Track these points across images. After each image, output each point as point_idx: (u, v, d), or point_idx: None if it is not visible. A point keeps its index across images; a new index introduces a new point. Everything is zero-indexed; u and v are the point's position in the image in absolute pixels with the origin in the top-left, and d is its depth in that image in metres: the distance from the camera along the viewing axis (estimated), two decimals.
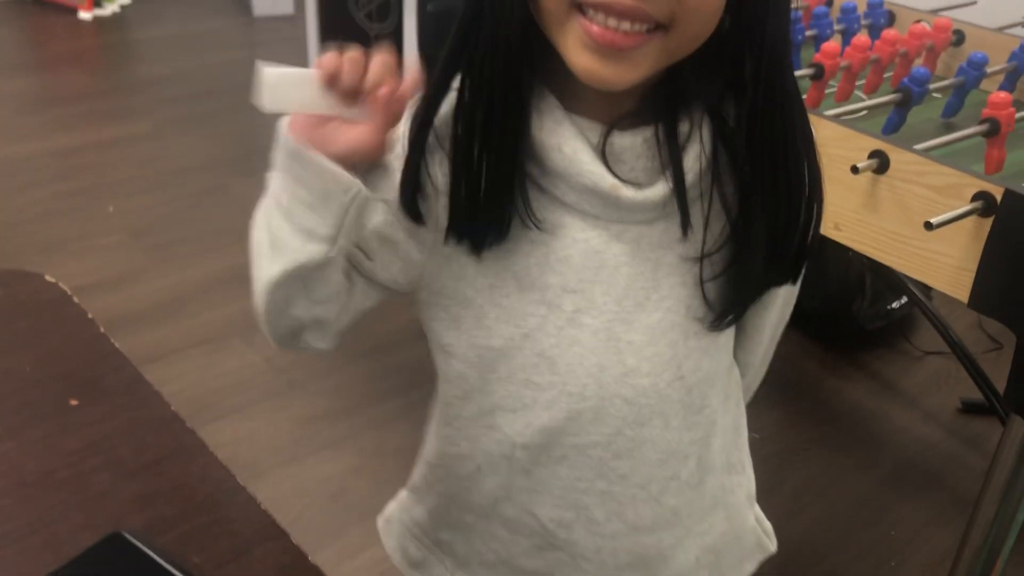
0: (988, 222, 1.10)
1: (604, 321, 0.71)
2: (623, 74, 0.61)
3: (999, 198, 1.09)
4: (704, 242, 0.69)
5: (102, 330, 0.79)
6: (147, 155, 2.94)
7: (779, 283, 0.73)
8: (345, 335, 0.77)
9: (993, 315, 1.13)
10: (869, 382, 2.19)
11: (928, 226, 1.09)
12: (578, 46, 0.60)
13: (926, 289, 2.09)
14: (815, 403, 2.12)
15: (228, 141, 3.04)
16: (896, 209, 1.21)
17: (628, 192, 0.66)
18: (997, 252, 1.09)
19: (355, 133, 0.63)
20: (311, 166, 0.63)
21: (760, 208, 0.67)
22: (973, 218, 1.12)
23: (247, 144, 3.01)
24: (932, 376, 2.20)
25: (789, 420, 2.03)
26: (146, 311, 2.21)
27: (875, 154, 1.21)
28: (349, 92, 0.62)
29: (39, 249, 2.39)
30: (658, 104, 0.67)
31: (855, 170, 1.20)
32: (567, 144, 0.66)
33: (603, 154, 0.66)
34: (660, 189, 0.67)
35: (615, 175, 0.66)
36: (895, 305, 2.27)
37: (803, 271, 0.73)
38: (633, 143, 0.67)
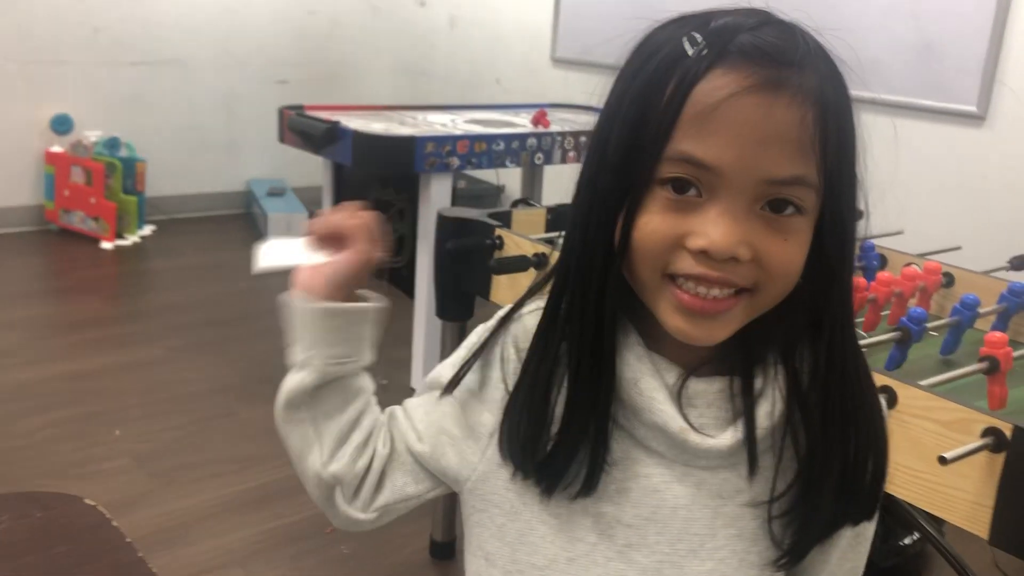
0: (1000, 458, 1.13)
1: (655, 561, 0.71)
2: (712, 333, 0.65)
3: (1009, 434, 1.12)
4: (773, 488, 0.70)
5: (140, 555, 0.79)
6: (157, 380, 2.98)
7: (850, 522, 0.73)
8: (387, 515, 0.80)
9: (1016, 552, 1.13)
10: None
11: (942, 460, 1.11)
12: (671, 310, 0.65)
13: (937, 525, 2.07)
14: None
15: (237, 368, 3.10)
16: (907, 444, 1.24)
17: (696, 437, 0.68)
18: (1013, 488, 1.11)
19: (334, 260, 0.75)
20: (288, 303, 0.75)
21: (830, 455, 0.68)
22: (985, 453, 1.14)
23: (256, 371, 3.06)
24: None
25: None
26: (146, 538, 2.17)
27: (883, 389, 1.26)
28: (324, 237, 0.76)
29: (44, 472, 2.38)
30: (735, 354, 0.70)
31: None
32: (644, 381, 0.69)
33: (678, 397, 0.69)
34: (728, 438, 0.69)
35: (686, 419, 0.68)
36: (907, 541, 2.24)
37: (876, 510, 0.74)
38: (708, 390, 0.70)
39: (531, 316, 0.74)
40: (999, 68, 2.57)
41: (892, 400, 1.25)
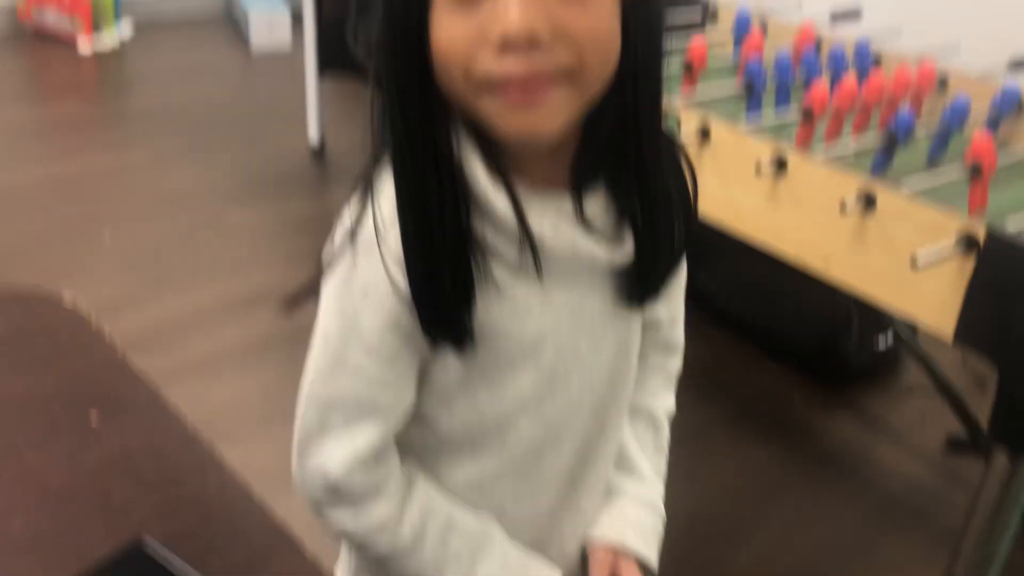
0: (971, 260, 1.15)
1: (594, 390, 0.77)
2: (546, 120, 0.62)
3: (981, 237, 1.13)
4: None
5: (120, 351, 0.81)
6: (144, 184, 2.97)
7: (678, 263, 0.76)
8: None
9: (976, 349, 1.17)
10: (856, 419, 2.22)
11: (914, 263, 1.13)
12: (497, 112, 0.62)
13: (911, 327, 2.13)
14: (801, 440, 2.15)
15: (225, 172, 3.07)
16: (882, 247, 1.26)
17: (602, 253, 0.69)
18: (980, 289, 1.14)
19: None
20: None
21: (656, 222, 0.70)
22: (957, 256, 1.16)
23: (244, 175, 3.04)
24: (918, 414, 2.23)
25: (775, 457, 2.05)
26: (138, 340, 2.21)
27: (863, 193, 1.26)
28: None
29: (33, 275, 2.40)
30: (586, 166, 0.68)
31: (843, 208, 1.25)
32: (559, 225, 0.67)
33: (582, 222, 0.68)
34: (629, 245, 0.70)
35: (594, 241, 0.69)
36: (882, 343, 2.31)
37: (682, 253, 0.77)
38: (596, 204, 0.69)
39: (385, 199, 0.68)
40: None
41: (872, 204, 1.26)
